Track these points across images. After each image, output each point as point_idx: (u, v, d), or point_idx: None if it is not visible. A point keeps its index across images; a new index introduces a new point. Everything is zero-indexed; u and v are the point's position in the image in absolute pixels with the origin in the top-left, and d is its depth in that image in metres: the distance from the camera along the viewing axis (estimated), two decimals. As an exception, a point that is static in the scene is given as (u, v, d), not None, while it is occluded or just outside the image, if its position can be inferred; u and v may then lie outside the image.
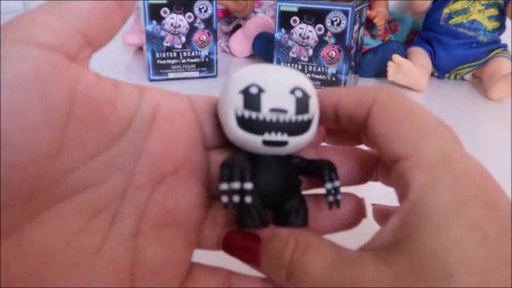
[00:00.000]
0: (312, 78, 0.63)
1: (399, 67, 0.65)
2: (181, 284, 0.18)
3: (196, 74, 0.68)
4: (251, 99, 0.17)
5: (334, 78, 0.62)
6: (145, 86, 0.18)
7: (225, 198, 0.16)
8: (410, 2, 0.73)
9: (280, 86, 0.17)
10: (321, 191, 0.18)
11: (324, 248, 0.16)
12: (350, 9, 0.58)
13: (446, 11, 0.70)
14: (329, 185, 0.18)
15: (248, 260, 0.18)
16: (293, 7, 0.61)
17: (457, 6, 0.69)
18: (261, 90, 0.17)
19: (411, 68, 0.65)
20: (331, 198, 0.18)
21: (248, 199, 0.16)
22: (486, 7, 0.68)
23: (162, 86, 0.73)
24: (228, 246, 0.18)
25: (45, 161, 0.14)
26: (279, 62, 0.65)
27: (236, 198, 0.16)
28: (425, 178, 0.15)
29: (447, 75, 0.73)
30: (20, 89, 0.13)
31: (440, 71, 0.73)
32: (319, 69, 0.62)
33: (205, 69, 0.69)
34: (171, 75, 0.67)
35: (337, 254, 0.15)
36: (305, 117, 0.17)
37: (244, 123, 0.17)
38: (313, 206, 0.19)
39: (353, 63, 0.65)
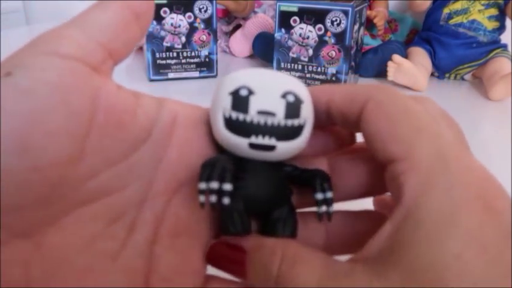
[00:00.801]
0: (312, 78, 0.63)
1: (399, 67, 0.65)
2: None
3: (196, 74, 0.68)
4: (239, 100, 0.16)
5: (334, 78, 0.62)
6: (164, 98, 0.18)
7: (201, 198, 0.16)
8: (410, 2, 0.73)
9: (272, 89, 0.17)
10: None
11: (314, 261, 0.15)
12: (350, 9, 0.58)
13: (446, 11, 0.70)
14: (319, 195, 0.17)
15: (234, 272, 0.17)
16: (293, 7, 0.61)
17: (457, 6, 0.69)
18: (250, 92, 0.16)
19: (411, 68, 0.65)
20: (322, 208, 0.17)
21: (226, 200, 0.16)
22: (486, 7, 0.68)
23: (162, 86, 0.73)
24: (214, 259, 0.18)
25: (66, 166, 0.14)
26: (279, 62, 0.65)
27: (213, 198, 0.16)
28: (419, 182, 0.14)
29: (447, 75, 0.73)
30: (42, 95, 0.14)
31: (440, 71, 0.73)
32: (319, 69, 0.62)
33: (205, 69, 0.69)
34: (171, 75, 0.67)
35: (327, 266, 0.15)
36: (295, 122, 0.17)
37: (231, 124, 0.16)
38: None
39: (353, 63, 0.65)
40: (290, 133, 0.17)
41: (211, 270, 0.18)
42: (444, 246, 0.13)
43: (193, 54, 0.67)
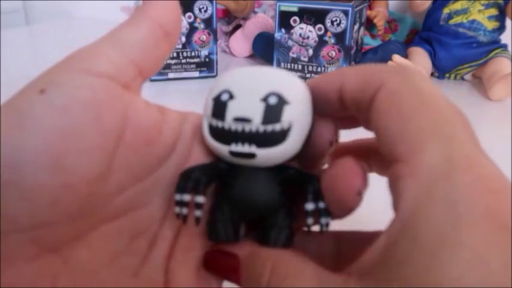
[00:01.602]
0: (312, 78, 0.63)
1: (399, 67, 0.65)
2: None
3: (196, 74, 0.68)
4: (219, 107, 0.16)
5: (334, 78, 0.62)
6: (187, 111, 0.18)
7: (177, 209, 0.16)
8: (410, 2, 0.73)
9: (252, 91, 0.15)
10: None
11: (307, 274, 0.14)
12: (350, 9, 0.58)
13: (446, 11, 0.70)
14: (310, 206, 0.16)
15: (230, 279, 0.17)
16: (293, 7, 0.61)
17: (457, 6, 0.69)
18: (231, 97, 0.16)
19: (411, 68, 0.65)
20: (310, 221, 0.16)
21: (198, 213, 0.16)
22: (486, 7, 0.68)
23: (162, 86, 0.73)
24: (209, 266, 0.17)
25: (95, 182, 0.14)
26: (279, 62, 0.65)
27: (184, 211, 0.16)
28: (420, 192, 0.12)
29: (447, 75, 0.73)
30: (77, 113, 0.14)
31: (440, 71, 0.73)
32: (319, 69, 0.62)
33: (205, 69, 0.69)
34: (171, 75, 0.67)
35: (319, 280, 0.14)
36: (276, 127, 0.15)
37: (213, 132, 0.16)
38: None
39: (353, 63, 0.65)
40: (271, 139, 0.15)
41: (227, 284, 0.18)
42: (442, 268, 0.11)
43: (193, 54, 0.67)
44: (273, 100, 0.15)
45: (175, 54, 0.66)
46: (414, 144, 0.13)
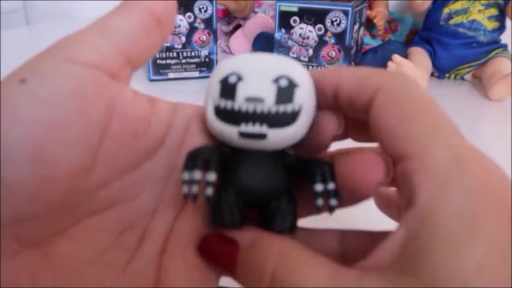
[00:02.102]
0: (312, 78, 0.63)
1: (399, 67, 0.65)
2: None
3: (196, 74, 0.68)
4: (227, 88, 0.16)
5: (334, 78, 0.62)
6: (179, 102, 0.18)
7: (185, 189, 0.15)
8: (410, 2, 0.73)
9: (262, 74, 0.16)
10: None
11: (318, 266, 0.14)
12: (350, 9, 0.58)
13: (446, 11, 0.70)
14: (319, 187, 0.16)
15: (223, 267, 0.16)
16: (293, 7, 0.61)
17: (457, 6, 0.69)
18: (239, 79, 0.15)
19: (411, 68, 0.65)
20: (320, 201, 0.16)
21: (209, 191, 0.15)
22: (486, 7, 0.68)
23: (162, 86, 0.73)
24: (204, 251, 0.16)
25: (78, 175, 0.14)
26: (279, 62, 0.65)
27: (195, 189, 0.15)
28: (435, 184, 0.13)
29: (447, 75, 0.73)
30: (60, 104, 0.13)
31: (440, 71, 0.73)
32: (319, 69, 0.62)
33: (205, 69, 0.69)
34: (171, 75, 0.67)
35: (334, 274, 0.13)
36: (288, 107, 0.15)
37: (221, 113, 0.16)
38: None
39: (353, 63, 0.65)
40: (282, 120, 0.15)
41: (224, 281, 0.17)
42: (465, 257, 0.12)
43: (193, 54, 0.67)
44: (283, 82, 0.15)
45: (175, 54, 0.66)
46: (422, 142, 0.13)
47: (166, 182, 0.17)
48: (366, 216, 0.20)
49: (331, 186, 0.16)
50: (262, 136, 0.15)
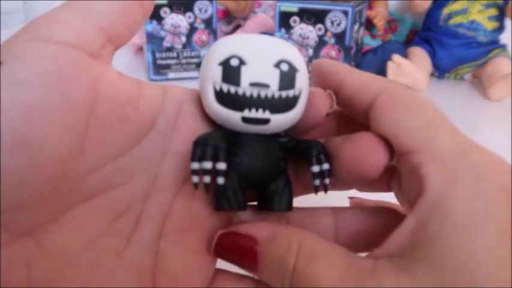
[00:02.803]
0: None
1: (399, 67, 0.65)
2: None
3: (196, 74, 0.68)
4: (230, 71, 0.15)
5: (334, 78, 0.62)
6: (169, 85, 0.17)
7: (195, 178, 0.15)
8: (410, 2, 0.73)
9: (264, 58, 0.15)
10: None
11: (334, 256, 0.14)
12: (350, 9, 0.58)
13: (446, 11, 0.70)
14: (316, 168, 0.16)
15: (245, 266, 0.16)
16: (293, 7, 0.61)
17: (457, 6, 0.69)
18: (242, 62, 0.15)
19: (411, 68, 0.65)
20: (317, 182, 0.16)
21: (221, 180, 0.15)
22: (486, 7, 0.68)
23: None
24: (222, 250, 0.16)
25: (66, 161, 0.13)
26: (279, 62, 0.65)
27: (207, 179, 0.15)
28: (444, 174, 0.13)
29: (447, 75, 0.73)
30: (38, 87, 0.13)
31: (440, 71, 0.73)
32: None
33: (205, 69, 0.69)
34: (171, 75, 0.67)
35: (349, 262, 0.14)
36: (290, 93, 0.16)
37: (223, 98, 0.15)
38: None
39: (353, 63, 0.65)
40: (285, 105, 0.16)
41: (221, 264, 0.17)
42: (476, 240, 0.12)
43: (193, 54, 0.67)
44: (284, 67, 0.16)
45: (175, 54, 0.66)
46: (427, 135, 0.14)
47: (160, 166, 0.16)
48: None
49: (325, 166, 0.16)
50: (266, 121, 0.15)
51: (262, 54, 0.15)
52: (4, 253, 0.13)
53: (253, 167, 0.16)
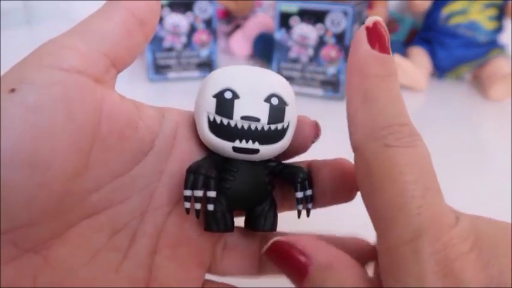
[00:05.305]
0: (312, 78, 0.63)
1: (399, 67, 0.65)
2: None
3: (196, 74, 0.68)
4: (224, 104, 0.16)
5: (334, 78, 0.62)
6: (165, 108, 0.18)
7: (187, 205, 0.16)
8: (410, 2, 0.73)
9: (256, 92, 0.17)
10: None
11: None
12: (350, 9, 0.58)
13: (445, 11, 0.70)
14: (299, 194, 0.18)
15: (290, 277, 0.16)
16: (293, 7, 0.61)
17: (457, 6, 0.69)
18: (235, 96, 0.16)
19: (411, 68, 0.65)
20: (300, 207, 0.18)
21: (210, 207, 0.16)
22: (486, 7, 0.68)
23: (162, 86, 0.73)
24: (273, 255, 0.16)
25: (72, 180, 0.14)
26: (279, 62, 0.65)
27: (197, 206, 0.16)
28: (392, 269, 0.13)
29: (447, 75, 0.73)
30: (47, 111, 0.14)
31: (440, 71, 0.73)
32: (319, 69, 0.62)
33: (205, 69, 0.69)
34: (171, 75, 0.67)
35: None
36: (279, 126, 0.17)
37: (216, 128, 0.17)
38: None
39: (353, 63, 0.65)
40: (273, 137, 0.17)
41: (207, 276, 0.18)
42: None
43: (193, 54, 0.67)
44: (275, 101, 0.17)
45: (175, 54, 0.66)
46: (384, 221, 0.14)
47: (156, 186, 0.17)
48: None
49: (308, 193, 0.18)
50: (255, 151, 0.17)
51: (254, 88, 0.17)
52: (13, 267, 0.14)
53: (242, 192, 0.17)
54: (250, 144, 0.17)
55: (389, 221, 0.14)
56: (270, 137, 0.17)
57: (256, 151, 0.17)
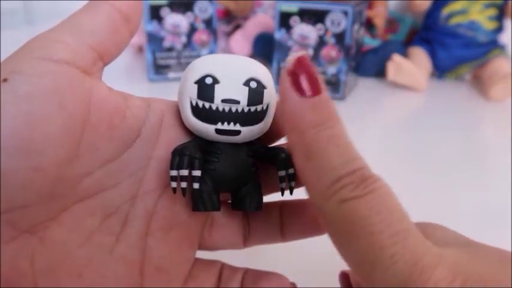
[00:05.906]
0: (312, 78, 0.63)
1: (399, 67, 0.65)
2: (185, 281, 0.19)
3: (196, 74, 0.68)
4: (205, 89, 0.17)
5: (334, 78, 0.62)
6: (151, 98, 0.19)
7: (174, 184, 0.17)
8: (410, 2, 0.73)
9: (235, 76, 0.18)
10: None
11: None
12: (350, 9, 0.58)
13: (445, 11, 0.70)
14: (282, 172, 0.18)
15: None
16: (293, 7, 0.61)
17: (457, 6, 0.69)
18: (215, 81, 0.17)
19: (411, 68, 0.65)
20: (283, 185, 0.19)
21: (196, 185, 0.17)
22: (486, 7, 0.68)
23: (162, 86, 0.73)
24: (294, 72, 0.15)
25: (64, 165, 0.15)
26: (279, 62, 0.65)
27: (183, 185, 0.17)
28: None
29: (447, 75, 0.73)
30: (41, 100, 0.14)
31: (440, 71, 0.73)
32: (319, 69, 0.62)
33: (205, 69, 0.69)
34: (171, 75, 0.67)
35: None
36: (258, 107, 0.18)
37: (198, 112, 0.17)
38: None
39: (353, 63, 0.65)
40: (253, 118, 0.18)
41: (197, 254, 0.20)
42: None
43: (193, 54, 0.67)
44: (253, 84, 0.18)
45: (175, 54, 0.66)
46: (365, 270, 0.13)
47: (145, 171, 0.18)
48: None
49: (291, 171, 0.18)
50: (237, 132, 0.18)
51: (233, 73, 0.18)
52: (11, 247, 0.15)
53: (227, 173, 0.18)
54: (231, 126, 0.17)
55: (367, 275, 0.13)
56: (251, 118, 0.18)
57: (238, 132, 0.18)
